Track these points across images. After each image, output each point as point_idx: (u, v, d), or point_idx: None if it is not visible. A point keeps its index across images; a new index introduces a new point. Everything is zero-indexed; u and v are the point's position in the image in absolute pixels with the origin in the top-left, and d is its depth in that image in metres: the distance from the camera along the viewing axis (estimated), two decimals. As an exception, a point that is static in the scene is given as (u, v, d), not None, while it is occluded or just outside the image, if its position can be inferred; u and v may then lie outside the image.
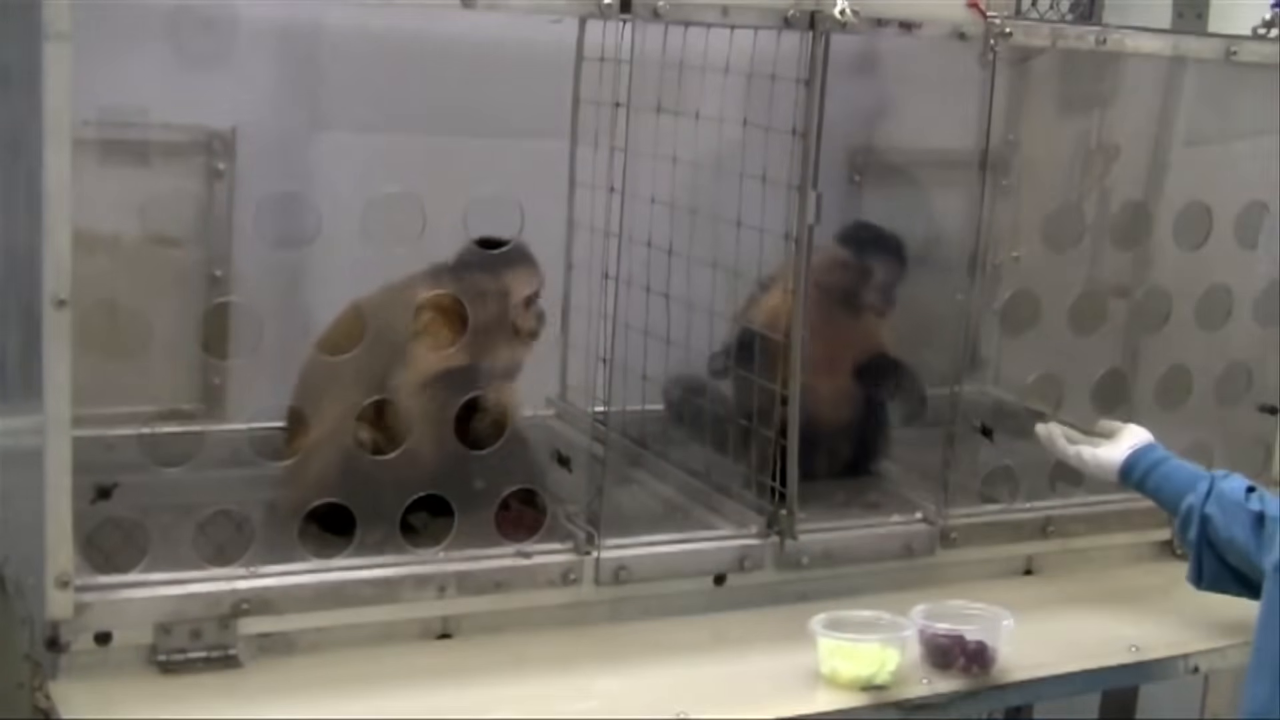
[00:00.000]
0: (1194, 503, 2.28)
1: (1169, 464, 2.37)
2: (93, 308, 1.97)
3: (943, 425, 2.55)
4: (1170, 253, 2.76)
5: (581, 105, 2.60)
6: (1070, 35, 2.54)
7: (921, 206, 2.93)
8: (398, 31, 2.44)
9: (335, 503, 2.15)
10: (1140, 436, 2.43)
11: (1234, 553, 2.22)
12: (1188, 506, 2.29)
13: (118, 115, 2.38)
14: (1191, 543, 2.29)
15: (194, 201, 2.58)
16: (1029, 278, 2.74)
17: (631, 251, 2.47)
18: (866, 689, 2.10)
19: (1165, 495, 2.35)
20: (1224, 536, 2.22)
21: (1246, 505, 2.21)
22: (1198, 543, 2.27)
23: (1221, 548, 2.24)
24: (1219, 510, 2.24)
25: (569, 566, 2.24)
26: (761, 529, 2.39)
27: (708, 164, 2.59)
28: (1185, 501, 2.29)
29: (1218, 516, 2.23)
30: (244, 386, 2.59)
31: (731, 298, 2.59)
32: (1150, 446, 2.40)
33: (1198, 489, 2.29)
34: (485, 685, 2.08)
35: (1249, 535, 2.18)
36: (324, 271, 2.49)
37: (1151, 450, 2.39)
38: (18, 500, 2.09)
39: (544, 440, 2.71)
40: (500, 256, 2.29)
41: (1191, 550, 2.30)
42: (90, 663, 1.98)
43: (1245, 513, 2.20)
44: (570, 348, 2.74)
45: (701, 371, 2.70)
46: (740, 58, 2.39)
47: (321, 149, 2.62)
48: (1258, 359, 2.79)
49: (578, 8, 2.18)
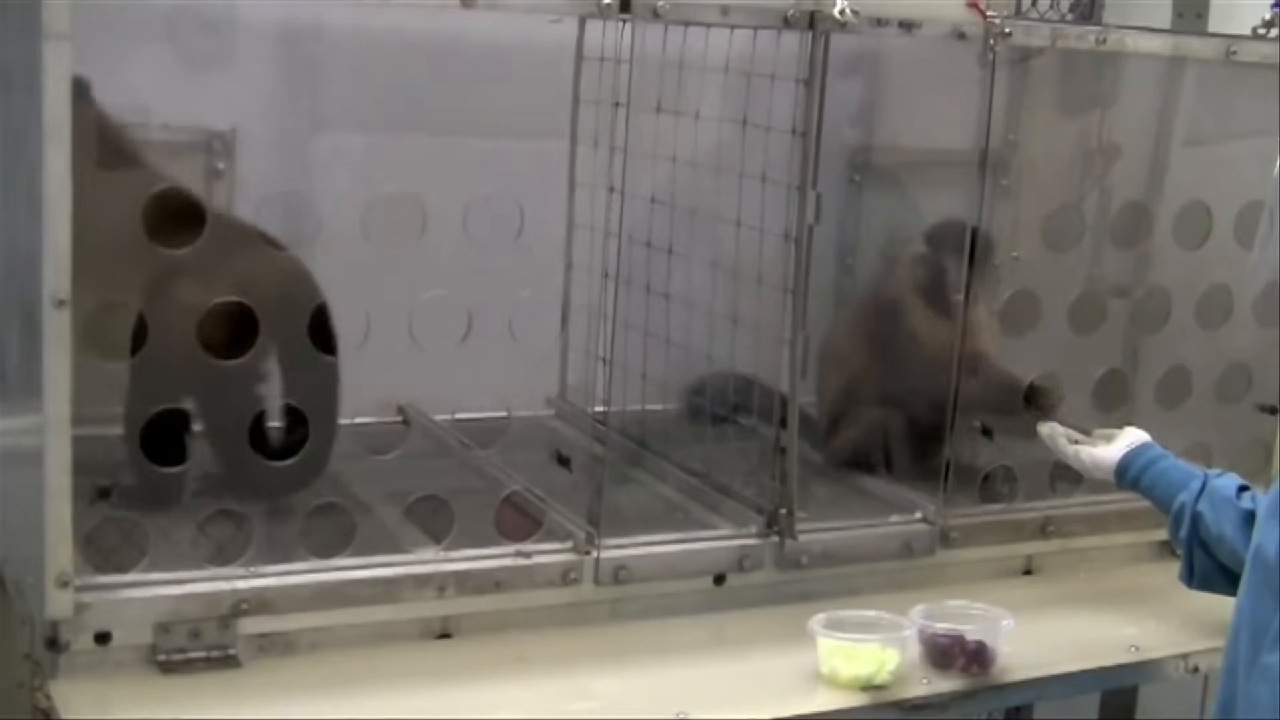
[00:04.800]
0: (1186, 500, 2.27)
1: (1164, 463, 2.37)
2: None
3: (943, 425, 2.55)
4: (1170, 253, 2.76)
5: (581, 105, 2.60)
6: (1070, 35, 2.54)
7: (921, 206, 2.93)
8: (398, 31, 2.44)
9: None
10: (1137, 437, 2.42)
11: (1224, 551, 2.21)
12: (1179, 504, 2.28)
13: (118, 115, 2.38)
14: (1183, 540, 2.28)
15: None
16: (1029, 278, 2.74)
17: (631, 251, 2.47)
18: (866, 689, 2.10)
19: (1159, 494, 2.35)
20: (1214, 534, 2.22)
21: (1238, 503, 2.20)
22: (1189, 541, 2.27)
23: (1212, 546, 2.23)
24: (1210, 508, 2.23)
25: (569, 566, 2.24)
26: (761, 529, 2.39)
27: (707, 164, 2.59)
28: (1177, 500, 2.29)
29: (1208, 514, 2.23)
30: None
31: (731, 298, 2.59)
32: (1146, 446, 2.40)
33: (1190, 487, 2.28)
34: (485, 685, 2.08)
35: (1238, 533, 2.17)
36: (324, 271, 2.49)
37: (1147, 449, 2.39)
38: (18, 500, 2.09)
39: (544, 440, 2.72)
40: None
41: (1183, 548, 2.30)
42: (90, 663, 1.98)
43: (1236, 510, 2.20)
44: (570, 348, 2.75)
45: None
46: (740, 58, 2.39)
47: (321, 149, 2.62)
48: (1258, 359, 2.79)
49: (578, 8, 2.18)
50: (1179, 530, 2.29)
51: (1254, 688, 1.81)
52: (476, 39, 2.45)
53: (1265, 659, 1.79)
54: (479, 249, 2.24)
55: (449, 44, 2.49)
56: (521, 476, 2.42)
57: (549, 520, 2.32)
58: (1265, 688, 1.79)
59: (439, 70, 2.58)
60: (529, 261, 2.45)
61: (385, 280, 2.32)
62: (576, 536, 2.27)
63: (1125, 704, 3.37)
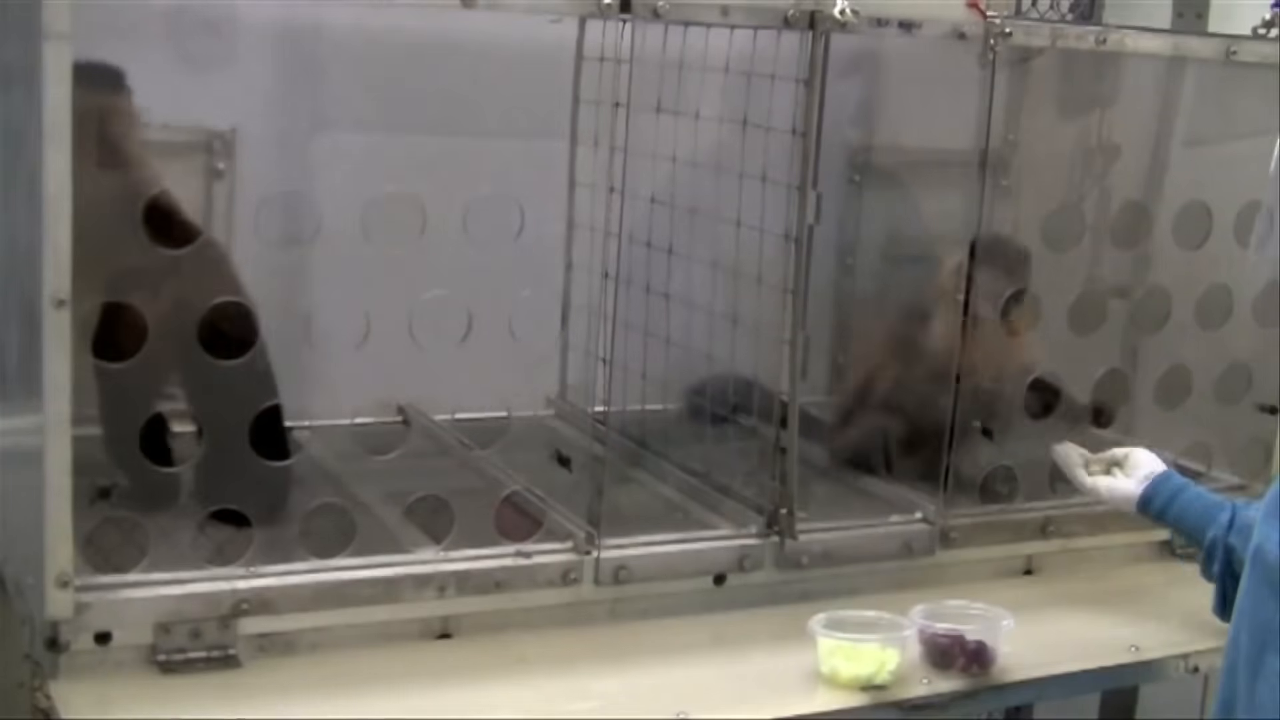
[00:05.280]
0: (1217, 536, 2.25)
1: (1188, 493, 2.34)
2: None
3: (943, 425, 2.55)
4: (1170, 253, 2.76)
5: (581, 105, 2.60)
6: (1070, 35, 2.54)
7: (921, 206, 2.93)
8: (398, 31, 2.44)
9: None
10: (1152, 465, 2.40)
11: None
12: (1211, 540, 2.26)
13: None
14: (1216, 575, 2.26)
15: (194, 201, 2.58)
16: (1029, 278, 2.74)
17: (631, 251, 2.47)
18: (866, 689, 2.10)
19: (1187, 526, 2.33)
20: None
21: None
22: (1221, 575, 2.24)
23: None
24: (1241, 541, 2.20)
25: (569, 566, 2.24)
26: (761, 529, 2.39)
27: (707, 164, 2.59)
28: (1208, 535, 2.27)
29: (1240, 548, 2.20)
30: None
31: (731, 298, 2.59)
32: (1165, 476, 2.37)
33: (1218, 520, 2.26)
34: (485, 685, 2.08)
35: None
36: (324, 271, 2.49)
37: (1168, 480, 2.36)
38: (18, 500, 2.09)
39: (544, 440, 2.72)
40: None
41: (1216, 582, 2.27)
42: (90, 663, 1.98)
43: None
44: (570, 348, 2.75)
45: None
46: (740, 58, 2.39)
47: (321, 149, 2.62)
48: (1258, 359, 2.79)
49: (578, 8, 2.18)
50: (1212, 565, 2.26)
51: (1258, 689, 1.80)
52: (476, 39, 2.45)
53: (1269, 661, 1.79)
54: (479, 249, 2.23)
55: (449, 44, 2.49)
56: (521, 476, 2.42)
57: (549, 520, 2.32)
58: (1267, 688, 1.78)
59: (439, 70, 2.58)
60: (529, 261, 2.45)
61: (385, 280, 2.32)
62: (576, 536, 2.27)
63: (1125, 704, 3.37)
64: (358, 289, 2.33)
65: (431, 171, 2.33)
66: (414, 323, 2.21)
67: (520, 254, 2.35)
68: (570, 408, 2.86)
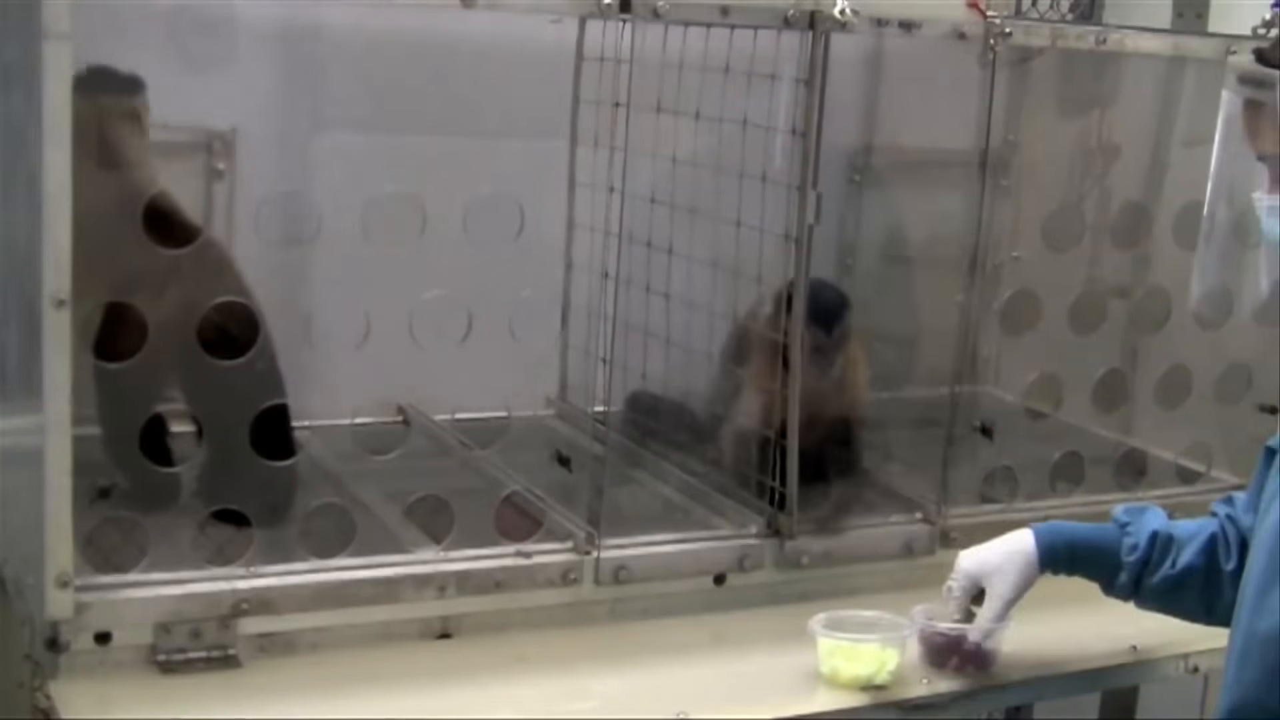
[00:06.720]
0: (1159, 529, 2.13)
1: (1074, 534, 2.14)
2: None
3: (943, 425, 2.55)
4: (1170, 253, 2.76)
5: (581, 105, 2.59)
6: (1070, 35, 2.54)
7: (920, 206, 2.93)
8: (398, 31, 2.44)
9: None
10: (988, 577, 2.14)
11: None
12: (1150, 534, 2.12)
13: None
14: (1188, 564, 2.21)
15: (194, 201, 2.58)
16: (1029, 278, 2.75)
17: (631, 251, 2.47)
18: (866, 689, 2.10)
19: (1093, 550, 2.13)
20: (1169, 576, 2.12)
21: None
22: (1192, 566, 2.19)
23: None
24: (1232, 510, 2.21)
25: (569, 566, 2.24)
26: (761, 529, 2.39)
27: (707, 164, 2.59)
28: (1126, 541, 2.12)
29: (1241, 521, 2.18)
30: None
31: (732, 297, 2.59)
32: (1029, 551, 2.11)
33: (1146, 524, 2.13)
34: (485, 685, 2.08)
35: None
36: (324, 271, 2.49)
37: (1049, 549, 2.12)
38: (18, 500, 2.09)
39: (544, 440, 2.72)
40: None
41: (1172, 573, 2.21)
42: (90, 663, 1.98)
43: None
44: (570, 348, 2.75)
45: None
46: (740, 58, 2.39)
47: (321, 149, 2.62)
48: (1258, 359, 2.79)
49: (578, 8, 2.18)
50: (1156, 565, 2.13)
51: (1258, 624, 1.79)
52: (476, 39, 2.45)
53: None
54: (479, 249, 2.23)
55: (449, 44, 2.49)
56: (521, 476, 2.42)
57: (549, 520, 2.32)
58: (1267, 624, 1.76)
59: (439, 70, 2.58)
60: (529, 261, 2.45)
61: (385, 280, 2.32)
62: (576, 536, 2.27)
63: (1125, 704, 3.37)
64: (358, 289, 2.33)
65: (431, 171, 2.33)
66: (414, 323, 2.21)
67: (520, 254, 2.35)
68: (570, 408, 2.86)
